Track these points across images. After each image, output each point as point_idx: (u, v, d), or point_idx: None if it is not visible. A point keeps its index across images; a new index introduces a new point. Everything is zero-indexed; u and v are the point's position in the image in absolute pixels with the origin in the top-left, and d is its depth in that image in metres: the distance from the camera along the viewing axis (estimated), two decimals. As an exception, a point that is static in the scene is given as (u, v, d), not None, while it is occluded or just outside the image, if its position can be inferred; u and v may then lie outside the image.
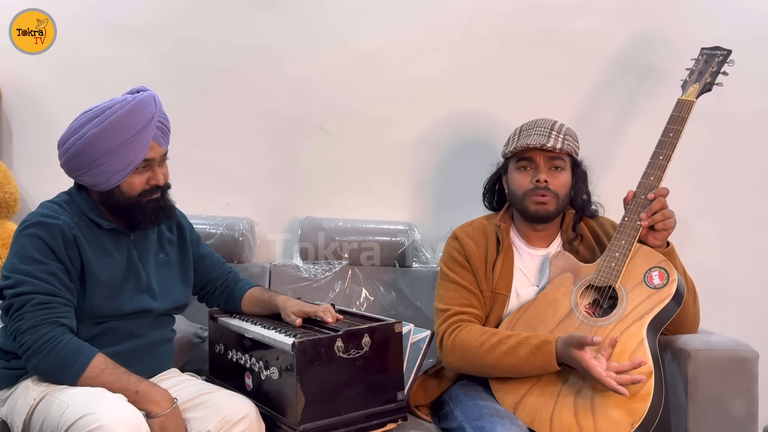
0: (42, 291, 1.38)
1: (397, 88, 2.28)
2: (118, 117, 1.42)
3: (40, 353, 1.35)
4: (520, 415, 1.52)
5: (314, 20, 2.27)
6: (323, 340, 1.43)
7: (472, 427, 1.46)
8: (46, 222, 1.43)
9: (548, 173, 1.67)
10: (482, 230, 1.77)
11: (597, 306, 1.60)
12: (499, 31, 2.27)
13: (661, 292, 1.53)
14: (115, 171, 1.44)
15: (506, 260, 1.72)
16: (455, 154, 2.29)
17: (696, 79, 1.72)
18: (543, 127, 1.69)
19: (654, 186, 1.61)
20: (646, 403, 1.42)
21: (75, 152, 1.44)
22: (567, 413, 1.47)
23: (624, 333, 1.51)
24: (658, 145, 1.66)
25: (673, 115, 1.68)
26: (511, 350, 1.53)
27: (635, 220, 1.59)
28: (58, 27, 2.25)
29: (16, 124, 2.28)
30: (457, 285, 1.70)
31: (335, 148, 2.30)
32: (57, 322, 1.37)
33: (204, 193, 2.27)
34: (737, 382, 1.57)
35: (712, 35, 1.96)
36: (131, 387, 1.36)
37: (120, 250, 1.53)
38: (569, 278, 1.64)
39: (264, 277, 2.14)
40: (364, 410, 1.47)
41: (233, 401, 1.44)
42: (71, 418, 1.25)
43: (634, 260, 1.58)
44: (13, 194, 2.20)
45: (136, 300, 1.52)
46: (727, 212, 2.28)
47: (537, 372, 1.52)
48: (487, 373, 1.60)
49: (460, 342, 1.60)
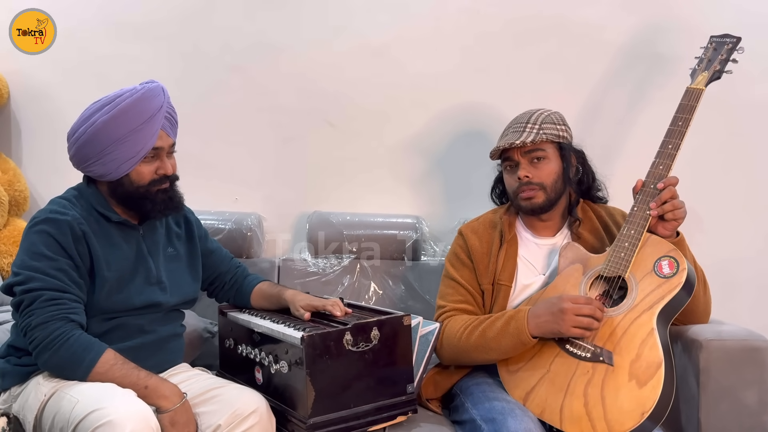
0: (52, 287, 1.38)
1: (404, 81, 2.28)
2: (128, 104, 1.44)
3: (50, 349, 1.35)
4: (530, 407, 1.52)
5: (320, 15, 2.27)
6: (332, 334, 1.43)
7: (483, 420, 1.46)
8: (55, 218, 1.43)
9: (529, 167, 1.69)
10: (488, 224, 1.79)
11: (607, 297, 1.59)
12: (505, 22, 2.25)
13: (671, 281, 1.52)
14: (125, 159, 1.46)
15: (509, 252, 1.73)
16: (462, 146, 2.28)
17: (705, 67, 1.70)
18: (519, 123, 1.72)
19: (663, 175, 1.59)
20: (656, 393, 1.41)
21: (85, 141, 1.46)
22: (577, 404, 1.47)
23: (634, 322, 1.50)
24: (667, 134, 1.64)
25: (681, 104, 1.66)
26: (488, 326, 1.59)
27: (644, 209, 1.58)
28: (64, 25, 2.26)
29: (25, 122, 2.29)
30: (455, 282, 1.74)
31: (342, 143, 2.30)
32: (67, 318, 1.37)
33: (212, 189, 2.28)
34: (749, 372, 1.56)
35: (722, 23, 1.94)
36: (141, 382, 1.36)
37: (129, 243, 1.53)
38: (578, 269, 1.63)
39: (273, 272, 2.15)
40: (373, 403, 1.47)
41: (243, 395, 1.44)
42: (81, 413, 1.26)
43: (643, 250, 1.57)
44: (22, 192, 2.21)
45: (145, 293, 1.52)
46: (738, 202, 2.26)
47: (513, 344, 1.55)
48: (472, 356, 1.62)
49: (447, 333, 1.65)
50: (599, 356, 1.49)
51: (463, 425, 1.55)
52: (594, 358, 1.49)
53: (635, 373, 1.44)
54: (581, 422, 1.45)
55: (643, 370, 1.44)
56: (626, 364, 1.46)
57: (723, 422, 1.56)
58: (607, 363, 1.47)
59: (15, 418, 1.44)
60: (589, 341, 1.52)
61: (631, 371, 1.45)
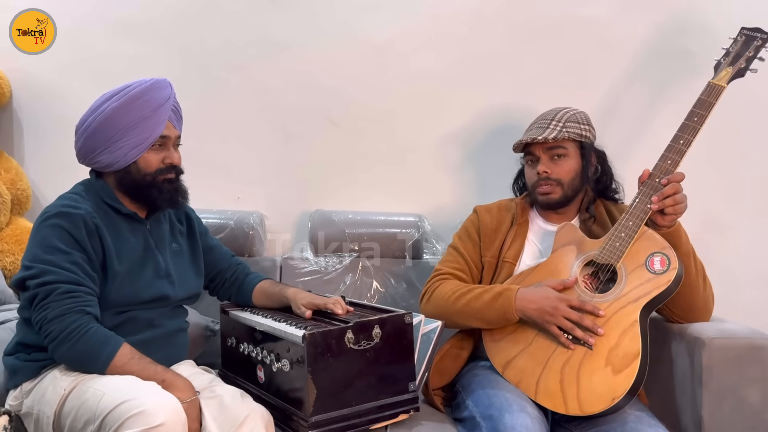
0: (67, 280, 1.39)
1: (406, 79, 2.27)
2: (138, 93, 1.49)
3: (68, 341, 1.36)
4: (507, 376, 1.60)
5: (322, 12, 2.26)
6: (333, 332, 1.43)
7: (482, 416, 1.48)
8: (68, 212, 1.44)
9: (549, 163, 1.73)
10: (504, 207, 1.87)
11: (596, 278, 1.61)
12: (508, 19, 2.25)
13: (660, 278, 1.54)
14: (133, 146, 1.49)
15: (519, 232, 1.79)
16: (465, 144, 2.28)
17: (730, 62, 1.66)
18: (544, 119, 1.76)
19: (670, 170, 1.58)
20: (629, 382, 1.46)
21: (94, 129, 1.49)
22: (553, 380, 1.53)
23: (618, 312, 1.53)
24: (681, 128, 1.62)
25: (700, 99, 1.63)
26: (476, 297, 1.65)
27: (646, 202, 1.58)
28: (66, 23, 2.26)
29: (27, 121, 2.29)
30: (457, 252, 1.82)
31: (344, 141, 2.30)
32: (83, 311, 1.38)
33: (214, 188, 2.28)
34: (752, 370, 1.56)
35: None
36: (158, 376, 1.38)
37: (137, 237, 1.55)
38: (573, 251, 1.66)
39: (275, 270, 2.15)
40: (375, 401, 1.47)
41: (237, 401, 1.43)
42: (110, 404, 1.27)
43: (638, 242, 1.58)
44: (25, 191, 2.21)
45: (155, 286, 1.54)
46: (743, 201, 2.25)
47: (497, 319, 1.62)
48: (455, 320, 1.69)
49: (436, 293, 1.73)
50: (580, 339, 1.53)
51: (463, 423, 1.56)
52: (575, 340, 1.54)
53: (612, 360, 1.49)
54: (554, 397, 1.51)
55: (620, 358, 1.48)
56: (605, 350, 1.50)
57: (726, 420, 1.56)
58: (586, 346, 1.52)
59: (16, 416, 1.44)
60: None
61: (608, 358, 1.49)
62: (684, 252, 1.59)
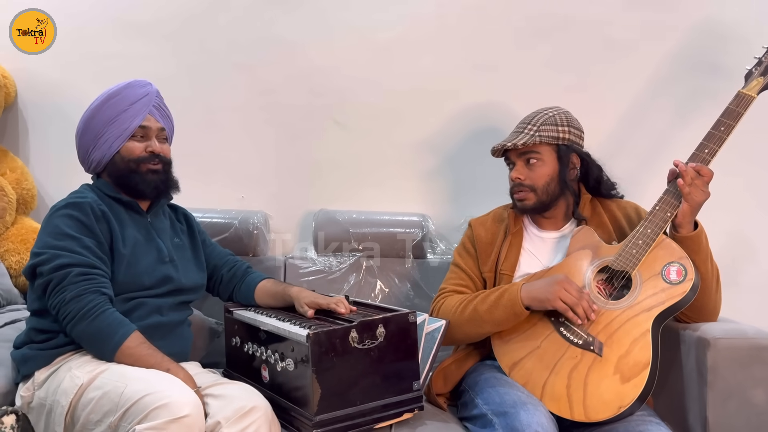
0: (80, 263, 1.44)
1: (411, 79, 2.27)
2: (115, 90, 1.61)
3: (87, 318, 1.40)
4: (514, 376, 1.58)
5: (327, 13, 2.26)
6: (338, 331, 1.43)
7: (495, 414, 1.46)
8: (76, 201, 1.52)
9: (523, 169, 1.72)
10: (496, 217, 1.85)
11: (609, 284, 1.59)
12: (512, 20, 2.25)
13: (675, 288, 1.53)
14: (115, 137, 1.58)
15: (513, 243, 1.77)
16: (469, 144, 2.27)
17: (762, 72, 1.61)
18: (522, 124, 1.75)
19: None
20: (636, 391, 1.45)
21: (83, 129, 1.61)
22: (560, 384, 1.52)
23: (631, 320, 1.52)
24: (707, 137, 1.59)
25: (728, 108, 1.59)
26: (482, 300, 1.64)
27: (666, 210, 1.57)
28: (70, 23, 2.27)
29: (32, 121, 2.30)
30: (458, 269, 1.81)
31: (348, 141, 2.30)
32: (99, 291, 1.43)
33: (218, 187, 2.28)
34: (758, 371, 1.55)
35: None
36: (163, 365, 1.42)
37: (139, 227, 1.62)
38: (588, 255, 1.64)
39: (279, 270, 2.15)
40: (380, 400, 1.47)
41: (244, 393, 1.44)
42: (133, 396, 1.29)
43: (655, 251, 1.57)
44: (30, 191, 2.22)
45: (159, 269, 1.59)
46: (748, 199, 2.24)
47: (506, 315, 1.59)
48: (466, 330, 1.66)
49: (443, 308, 1.72)
50: (590, 345, 1.52)
51: (473, 421, 1.55)
52: (585, 346, 1.53)
53: (621, 368, 1.48)
54: (560, 402, 1.50)
55: (630, 367, 1.47)
56: (614, 357, 1.49)
57: (731, 421, 1.55)
58: (596, 353, 1.51)
59: (24, 415, 1.44)
60: (584, 329, 1.55)
61: (618, 365, 1.48)
62: (702, 258, 1.57)
